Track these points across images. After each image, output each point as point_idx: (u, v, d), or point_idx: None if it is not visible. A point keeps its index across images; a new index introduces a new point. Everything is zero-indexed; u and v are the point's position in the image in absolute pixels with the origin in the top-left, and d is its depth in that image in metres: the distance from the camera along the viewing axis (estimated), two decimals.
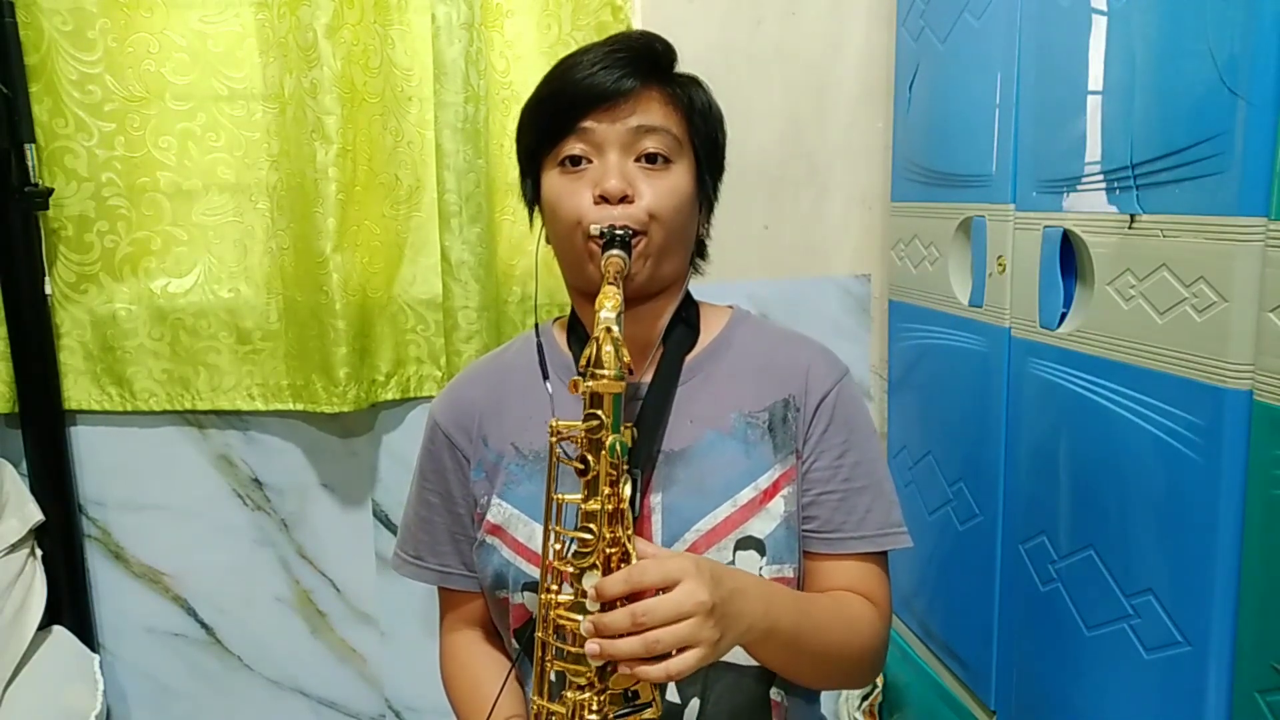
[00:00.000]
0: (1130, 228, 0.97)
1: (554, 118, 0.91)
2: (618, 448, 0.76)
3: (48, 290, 1.53)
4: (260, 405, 1.58)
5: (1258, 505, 0.85)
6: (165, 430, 1.61)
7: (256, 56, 1.50)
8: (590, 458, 0.77)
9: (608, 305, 0.77)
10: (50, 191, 1.48)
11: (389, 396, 1.59)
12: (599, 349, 0.76)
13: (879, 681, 1.67)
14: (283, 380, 1.57)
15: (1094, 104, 1.04)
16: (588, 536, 0.76)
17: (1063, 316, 1.10)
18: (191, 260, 1.58)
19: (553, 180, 0.92)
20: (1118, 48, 1.00)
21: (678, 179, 0.91)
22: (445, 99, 1.45)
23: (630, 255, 0.86)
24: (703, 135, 0.94)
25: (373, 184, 1.54)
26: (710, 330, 1.00)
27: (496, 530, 0.95)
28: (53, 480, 1.56)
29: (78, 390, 1.57)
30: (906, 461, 1.53)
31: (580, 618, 0.76)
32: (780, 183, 1.66)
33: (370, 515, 1.65)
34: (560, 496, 0.80)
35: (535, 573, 0.90)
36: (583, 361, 0.77)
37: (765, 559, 0.90)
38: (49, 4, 1.44)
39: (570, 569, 0.78)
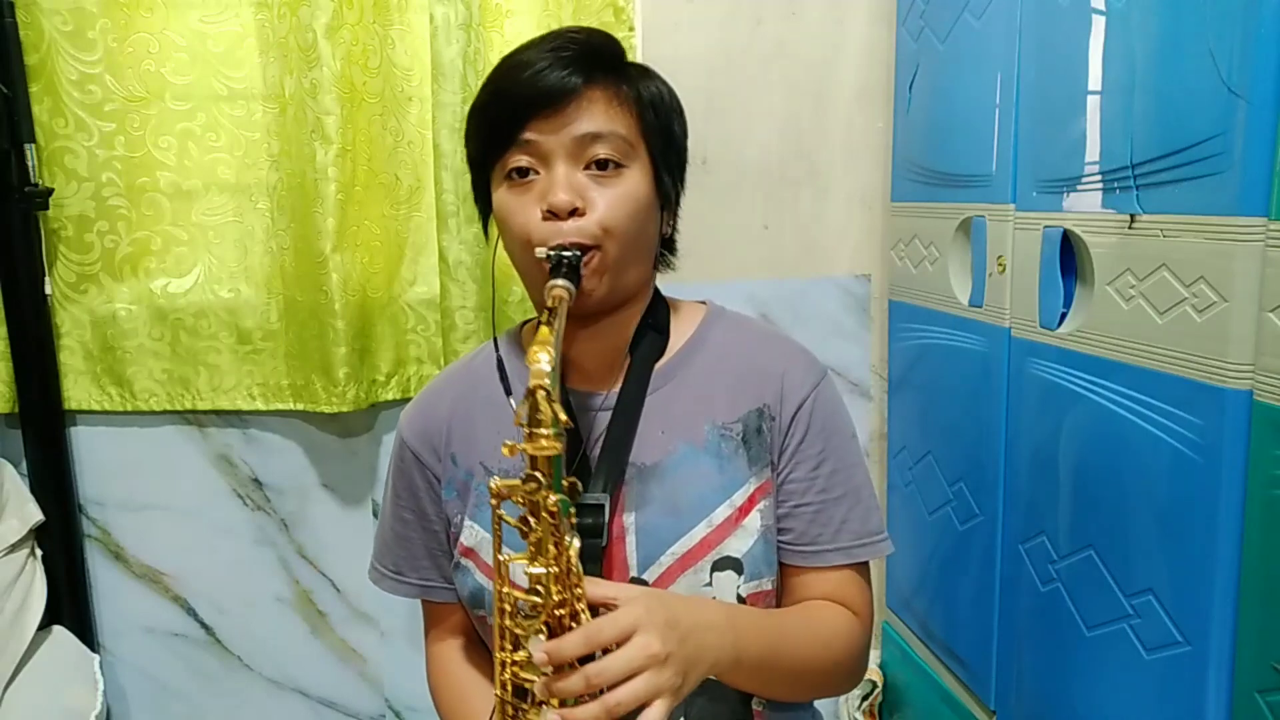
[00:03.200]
0: (1130, 228, 0.97)
1: (495, 127, 0.86)
2: (559, 508, 0.72)
3: (48, 290, 1.53)
4: (260, 405, 1.58)
5: (1258, 505, 0.85)
6: (165, 430, 1.61)
7: (256, 56, 1.50)
8: (531, 519, 0.73)
9: (542, 359, 0.70)
10: (50, 191, 1.48)
11: (389, 396, 1.59)
12: (533, 409, 0.71)
13: (879, 681, 1.67)
14: (283, 380, 1.57)
15: (1094, 104, 1.03)
16: (536, 599, 0.74)
17: (1063, 316, 1.10)
18: (191, 260, 1.58)
19: (501, 195, 0.87)
20: (1118, 48, 1.00)
21: (631, 184, 0.86)
22: (443, 99, 1.45)
23: (577, 280, 0.81)
24: (656, 131, 0.89)
25: (373, 184, 1.54)
26: (682, 333, 0.96)
27: (469, 553, 0.93)
28: (53, 480, 1.56)
29: (78, 390, 1.57)
30: (906, 461, 1.53)
31: (535, 679, 0.74)
32: (780, 183, 1.66)
33: (370, 515, 1.65)
34: (507, 557, 0.77)
35: None
36: (517, 419, 0.72)
37: (743, 577, 0.88)
38: (49, 4, 1.44)
39: (520, 631, 0.76)
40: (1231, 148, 0.84)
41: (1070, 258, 1.09)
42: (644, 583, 0.88)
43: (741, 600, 0.89)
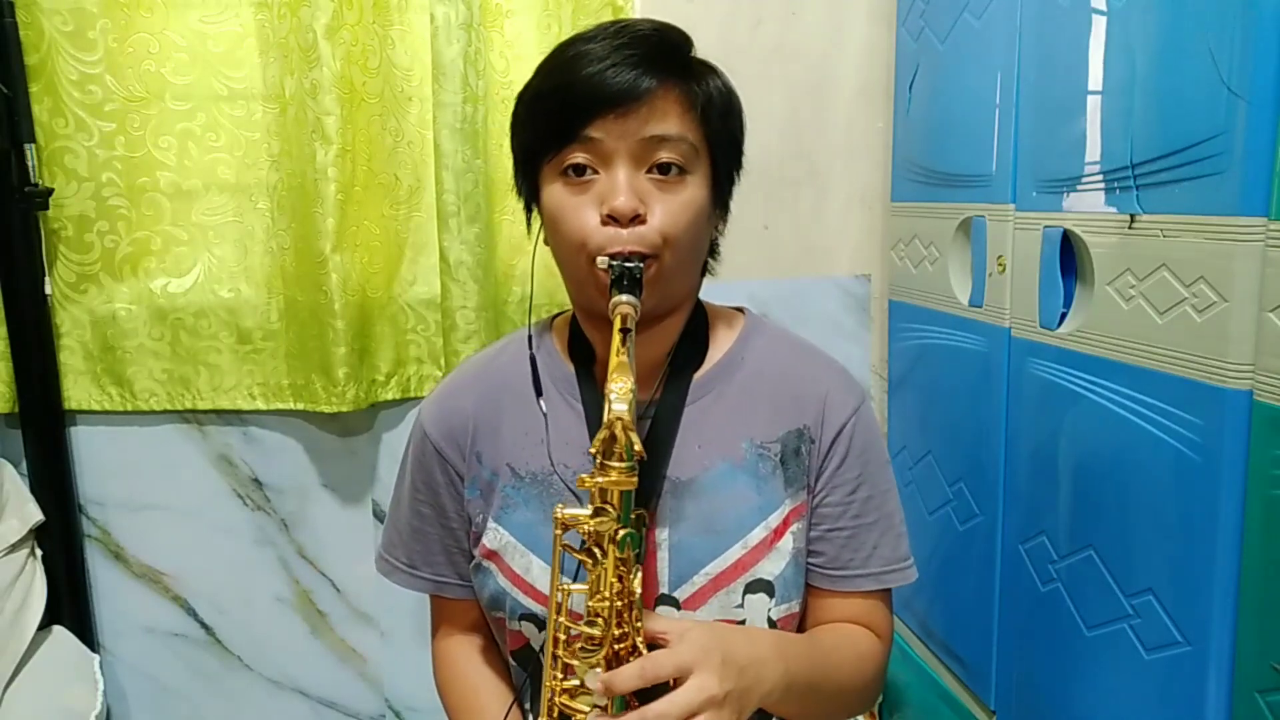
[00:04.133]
0: (1130, 228, 0.97)
1: (556, 121, 0.81)
2: (628, 541, 0.71)
3: (48, 290, 1.52)
4: (260, 405, 1.58)
5: (1258, 505, 0.85)
6: (165, 430, 1.61)
7: (256, 56, 1.50)
8: (597, 551, 0.72)
9: (617, 390, 0.69)
10: (50, 191, 1.48)
11: (389, 396, 1.59)
12: (611, 438, 0.69)
13: None
14: (283, 380, 1.57)
15: (1094, 104, 1.03)
16: (594, 632, 0.73)
17: (1063, 316, 1.10)
18: (191, 260, 1.58)
19: (554, 191, 0.83)
20: (1118, 48, 1.00)
21: (693, 192, 0.83)
22: (444, 99, 1.45)
23: (640, 293, 0.78)
24: (721, 135, 0.85)
25: (372, 184, 1.54)
26: (721, 344, 0.93)
27: (493, 556, 0.91)
28: (53, 480, 1.56)
29: (78, 390, 1.57)
30: (906, 461, 1.53)
31: (585, 709, 0.74)
32: (780, 183, 1.66)
33: (370, 515, 1.65)
34: (566, 587, 0.75)
35: (532, 605, 0.88)
36: (593, 449, 0.71)
37: (774, 600, 0.87)
38: (49, 4, 1.44)
39: (576, 663, 0.75)
40: (1231, 148, 0.84)
41: (1070, 258, 1.09)
42: (674, 601, 0.87)
43: (773, 624, 0.88)
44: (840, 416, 0.90)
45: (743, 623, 0.87)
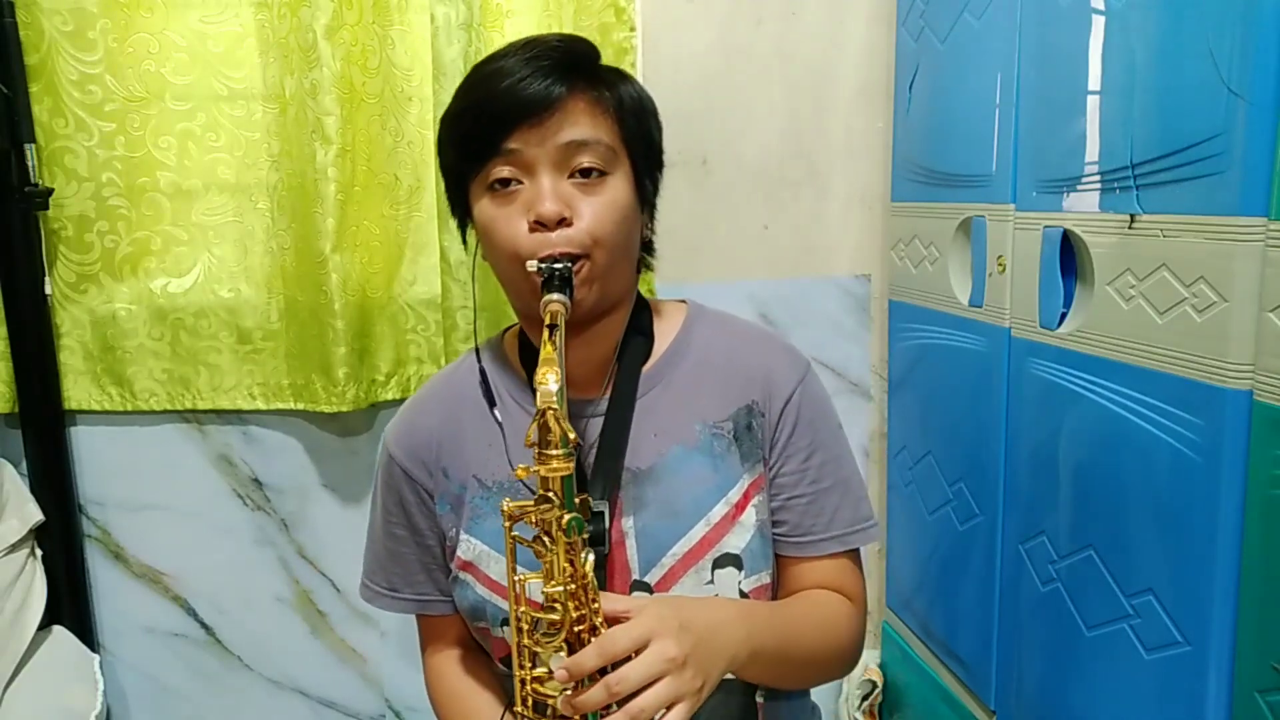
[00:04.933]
0: (1130, 228, 0.97)
1: (476, 137, 0.85)
2: (573, 526, 0.74)
3: (48, 290, 1.53)
4: (260, 405, 1.58)
5: (1258, 505, 0.85)
6: (165, 430, 1.61)
7: (256, 57, 1.50)
8: (546, 539, 0.74)
9: (549, 380, 0.72)
10: (50, 191, 1.48)
11: (389, 396, 1.59)
12: (544, 430, 0.73)
13: (879, 681, 1.67)
14: (283, 380, 1.57)
15: (1094, 104, 1.03)
16: (554, 617, 0.75)
17: (1063, 316, 1.10)
18: (191, 260, 1.58)
19: (484, 206, 0.86)
20: (1118, 48, 1.00)
21: (615, 192, 0.86)
22: (443, 99, 1.45)
23: (571, 293, 0.81)
24: (637, 136, 0.88)
25: (372, 184, 1.54)
26: (666, 334, 0.96)
27: (468, 567, 0.93)
28: (53, 480, 1.56)
29: (78, 390, 1.57)
30: (906, 461, 1.53)
31: (556, 694, 0.75)
32: (780, 183, 1.66)
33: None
34: (522, 576, 0.77)
35: None
36: (527, 440, 0.74)
37: (744, 573, 0.90)
38: (49, 4, 1.44)
39: (540, 650, 0.77)
40: (1231, 148, 0.84)
41: (1070, 258, 1.09)
42: (646, 585, 0.88)
43: (744, 595, 0.90)
44: (786, 389, 0.93)
45: (709, 597, 0.89)
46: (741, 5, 1.60)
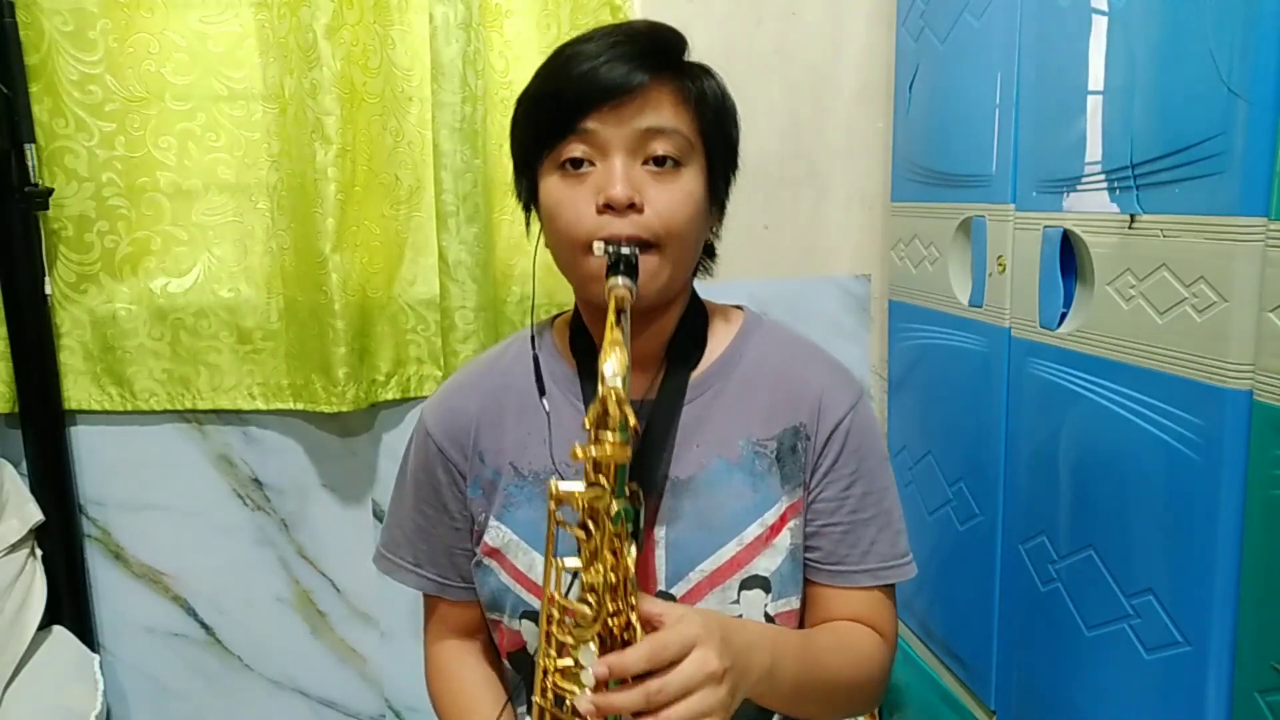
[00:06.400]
0: (1130, 228, 0.97)
1: (553, 116, 0.82)
2: (622, 515, 0.70)
3: (48, 290, 1.52)
4: (260, 405, 1.58)
5: (1258, 505, 0.85)
6: (165, 430, 1.61)
7: (256, 57, 1.50)
8: (591, 524, 0.71)
9: (613, 360, 0.70)
10: (50, 191, 1.48)
11: (389, 396, 1.59)
12: (605, 411, 0.69)
13: None
14: (283, 380, 1.57)
15: (1094, 104, 1.03)
16: (587, 610, 0.72)
17: (1063, 316, 1.10)
18: (191, 260, 1.58)
19: (552, 185, 0.84)
20: (1118, 48, 1.00)
21: (689, 184, 0.83)
22: (443, 99, 1.45)
23: (637, 279, 0.78)
24: (716, 133, 0.86)
25: (372, 184, 1.54)
26: (719, 342, 0.93)
27: (494, 554, 0.91)
28: (53, 480, 1.56)
29: (78, 390, 1.57)
30: (906, 461, 1.53)
31: (577, 690, 0.72)
32: (780, 183, 1.66)
33: (370, 515, 1.65)
34: (560, 563, 0.74)
35: (535, 602, 0.87)
36: (587, 422, 0.70)
37: (770, 596, 0.88)
38: (49, 4, 1.44)
39: (570, 640, 0.74)
40: (1231, 148, 0.84)
41: (1070, 258, 1.09)
42: (671, 598, 0.87)
43: (769, 619, 0.88)
44: (836, 414, 0.90)
45: (739, 618, 0.87)
46: (741, 5, 1.60)
